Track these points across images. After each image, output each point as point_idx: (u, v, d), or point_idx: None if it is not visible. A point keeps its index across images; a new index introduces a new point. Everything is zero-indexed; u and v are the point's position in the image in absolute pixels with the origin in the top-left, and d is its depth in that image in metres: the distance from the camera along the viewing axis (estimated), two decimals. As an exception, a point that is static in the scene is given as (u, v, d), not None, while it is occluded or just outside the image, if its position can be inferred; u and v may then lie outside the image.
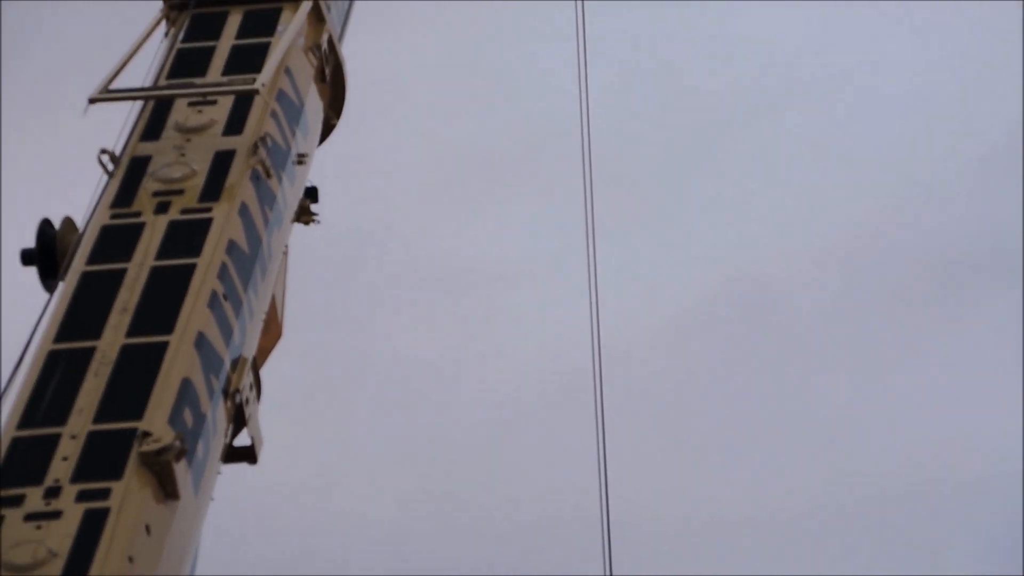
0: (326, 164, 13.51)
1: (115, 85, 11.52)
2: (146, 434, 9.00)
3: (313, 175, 12.70)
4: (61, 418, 9.56)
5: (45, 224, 10.97)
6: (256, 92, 11.33)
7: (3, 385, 9.83)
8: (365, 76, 15.93)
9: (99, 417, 9.57)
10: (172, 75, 11.89)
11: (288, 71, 12.24)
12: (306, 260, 12.93)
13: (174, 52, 12.27)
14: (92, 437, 9.41)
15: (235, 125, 11.44)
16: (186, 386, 9.76)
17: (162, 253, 10.53)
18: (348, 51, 13.79)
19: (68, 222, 11.03)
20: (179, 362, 9.87)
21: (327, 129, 13.35)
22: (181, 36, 12.41)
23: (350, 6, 14.50)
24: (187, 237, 10.70)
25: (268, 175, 11.34)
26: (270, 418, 11.70)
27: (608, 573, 12.89)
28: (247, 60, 12.05)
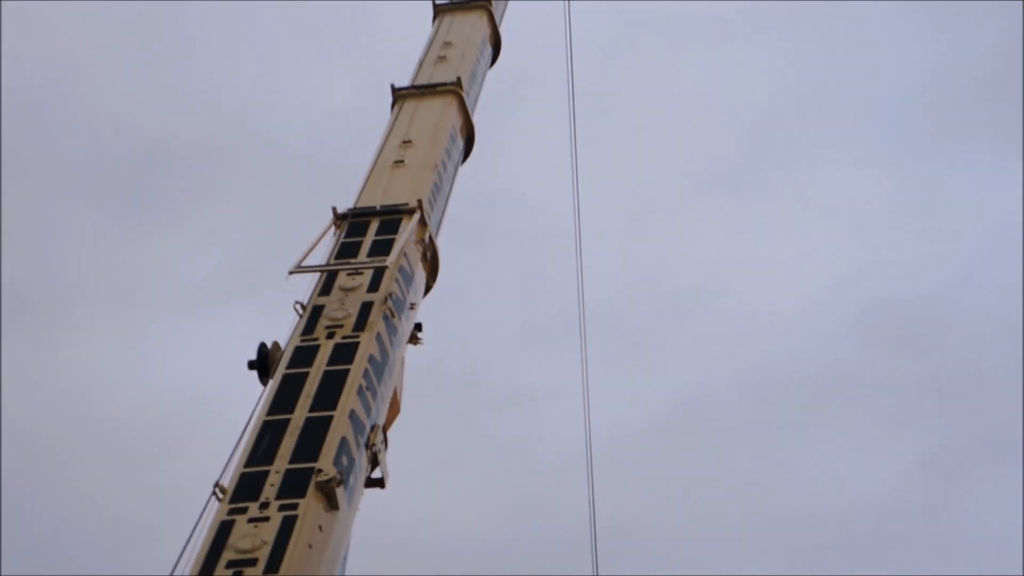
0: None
1: (306, 262, 14.39)
2: (319, 471, 11.16)
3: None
4: (270, 460, 11.60)
5: (262, 346, 13.23)
6: (386, 267, 13.94)
7: (238, 442, 12.00)
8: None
9: (292, 460, 11.57)
10: (338, 256, 14.55)
11: (405, 255, 14.59)
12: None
13: (339, 244, 14.90)
14: (288, 472, 11.35)
15: (374, 286, 13.78)
16: (343, 442, 11.79)
17: (330, 362, 12.77)
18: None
19: (275, 345, 13.27)
20: (339, 428, 11.87)
21: (427, 289, 15.95)
22: (343, 235, 15.02)
23: (443, 215, 16.87)
24: (345, 353, 12.87)
25: (393, 316, 13.73)
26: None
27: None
28: (381, 248, 14.53)
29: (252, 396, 12.76)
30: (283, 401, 12.30)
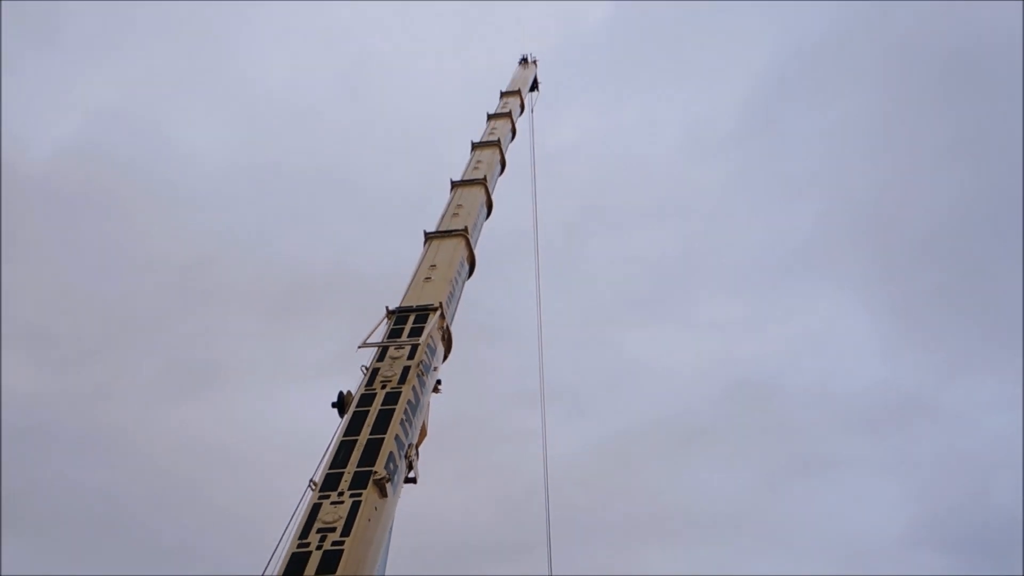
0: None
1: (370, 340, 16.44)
2: (375, 472, 13.56)
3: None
4: (344, 464, 13.87)
5: (340, 394, 15.37)
6: (419, 344, 16.18)
7: (324, 454, 14.09)
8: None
9: (359, 465, 13.83)
10: (389, 337, 16.62)
11: (431, 336, 16.72)
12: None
13: (389, 330, 16.93)
14: (356, 473, 13.65)
15: (411, 355, 16.03)
16: (391, 454, 14.12)
17: (383, 404, 15.01)
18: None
19: (349, 393, 15.42)
20: (388, 445, 14.18)
21: (445, 357, 17.78)
22: (392, 324, 16.98)
23: (455, 311, 18.58)
24: (392, 399, 15.11)
25: (423, 374, 15.93)
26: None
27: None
28: (416, 332, 16.61)
29: (334, 426, 14.84)
30: (353, 428, 14.62)
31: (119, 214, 65.58)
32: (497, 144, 24.20)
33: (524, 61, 33.76)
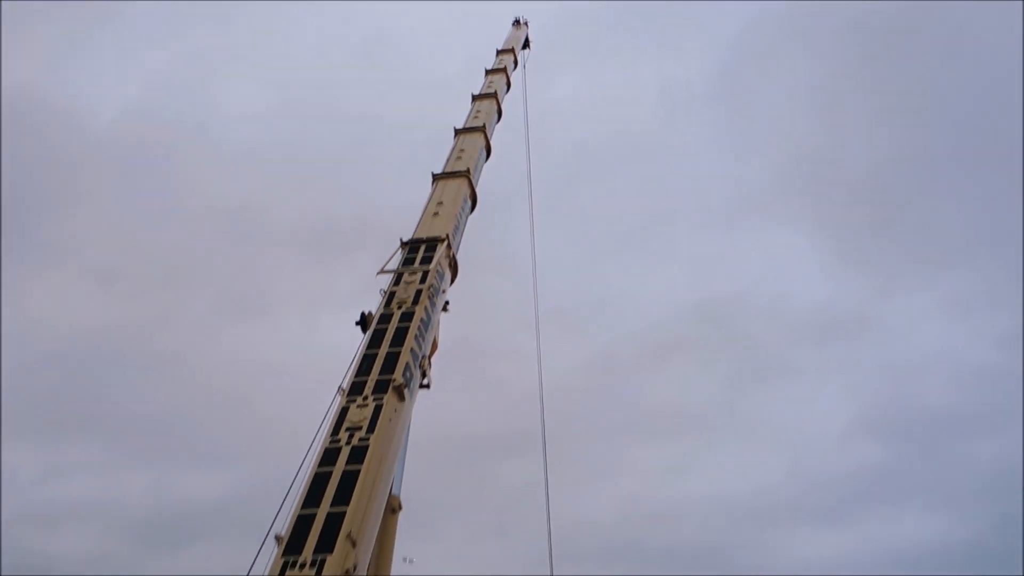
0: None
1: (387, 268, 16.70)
2: (395, 379, 13.82)
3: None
4: (368, 373, 14.08)
5: (362, 314, 15.65)
6: (429, 270, 16.31)
7: (350, 366, 14.24)
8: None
9: (380, 374, 14.04)
10: (403, 264, 16.72)
11: (440, 263, 16.86)
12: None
13: (404, 258, 16.97)
14: (378, 381, 13.87)
15: (423, 280, 16.14)
16: (407, 365, 14.35)
17: (400, 321, 15.19)
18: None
19: (370, 313, 15.63)
20: (405, 356, 14.41)
21: (452, 281, 17.79)
22: (406, 253, 17.08)
23: (460, 242, 18.65)
24: (407, 317, 15.29)
25: (433, 297, 16.11)
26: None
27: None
28: (427, 260, 16.74)
29: (359, 342, 15.10)
30: (374, 342, 14.84)
31: (174, 167, 68.70)
32: (494, 96, 24.02)
33: (517, 23, 33.60)
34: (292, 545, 11.10)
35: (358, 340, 15.08)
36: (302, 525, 11.34)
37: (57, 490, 53.54)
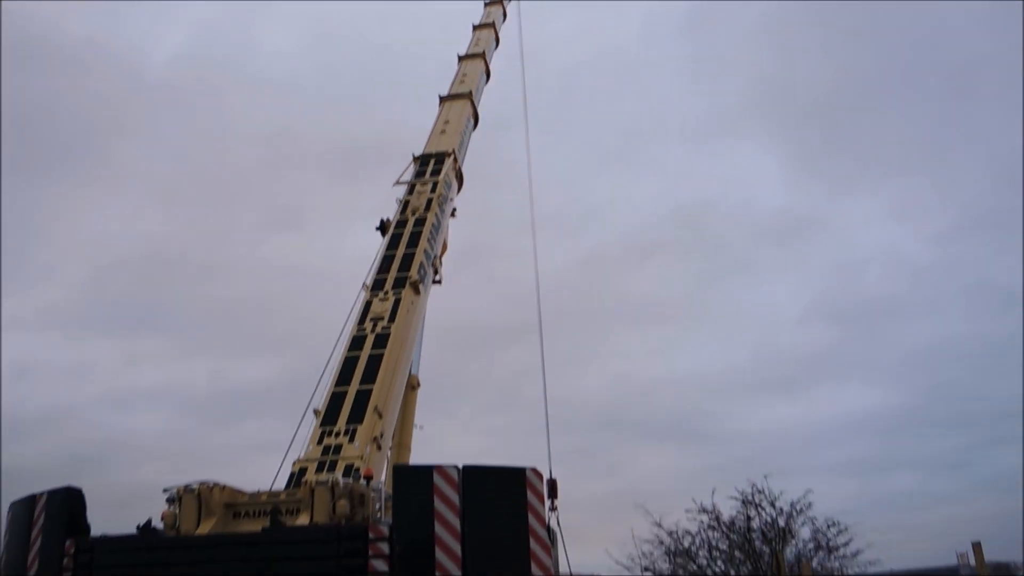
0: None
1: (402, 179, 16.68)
2: (411, 276, 14.04)
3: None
4: (388, 271, 14.29)
5: (381, 220, 15.77)
6: (438, 181, 16.31)
7: (373, 263, 14.38)
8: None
9: (398, 271, 14.22)
10: (415, 176, 16.65)
11: (448, 174, 16.81)
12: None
13: (416, 170, 16.91)
14: (396, 277, 14.10)
15: (433, 190, 16.13)
16: (421, 263, 14.53)
17: (414, 226, 15.27)
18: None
19: (388, 220, 15.66)
20: (419, 256, 14.57)
21: (459, 190, 17.78)
22: (417, 166, 16.96)
23: (465, 155, 18.50)
24: (420, 223, 15.33)
25: (442, 204, 16.17)
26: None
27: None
28: (436, 172, 16.66)
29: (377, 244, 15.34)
30: (392, 245, 14.97)
31: (219, 101, 70.77)
32: (492, 25, 23.52)
33: None
34: (328, 417, 11.52)
35: (378, 243, 15.18)
36: (336, 401, 11.74)
37: (131, 377, 55.79)
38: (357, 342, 12.80)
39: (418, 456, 15.40)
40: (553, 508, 10.84)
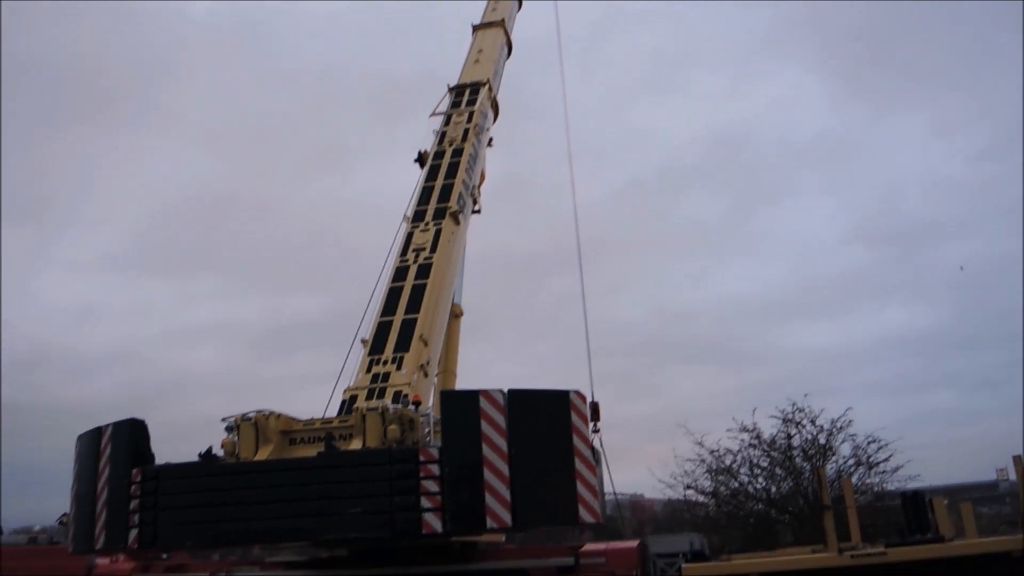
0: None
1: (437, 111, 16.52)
2: (450, 206, 13.95)
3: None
4: (428, 202, 14.22)
5: (419, 152, 15.67)
6: (473, 111, 16.23)
7: (412, 193, 14.39)
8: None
9: (438, 202, 14.22)
10: (451, 107, 16.57)
11: (483, 104, 16.70)
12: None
13: (452, 101, 16.70)
14: (437, 208, 14.06)
15: (469, 120, 16.08)
16: (460, 193, 14.45)
17: (451, 157, 15.22)
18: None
19: (425, 152, 15.57)
20: (458, 186, 14.52)
21: (495, 120, 17.59)
22: (453, 97, 16.85)
23: (500, 83, 18.33)
24: (458, 153, 15.30)
25: (479, 134, 16.04)
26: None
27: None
28: (472, 102, 16.51)
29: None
30: (431, 176, 14.94)
31: (265, 42, 71.12)
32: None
33: None
34: (376, 346, 11.72)
35: (418, 176, 15.11)
36: (382, 330, 11.94)
37: (188, 316, 57.45)
38: (400, 273, 12.91)
39: (463, 383, 15.60)
40: (595, 430, 11.04)
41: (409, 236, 13.62)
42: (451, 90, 17.01)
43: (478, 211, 15.94)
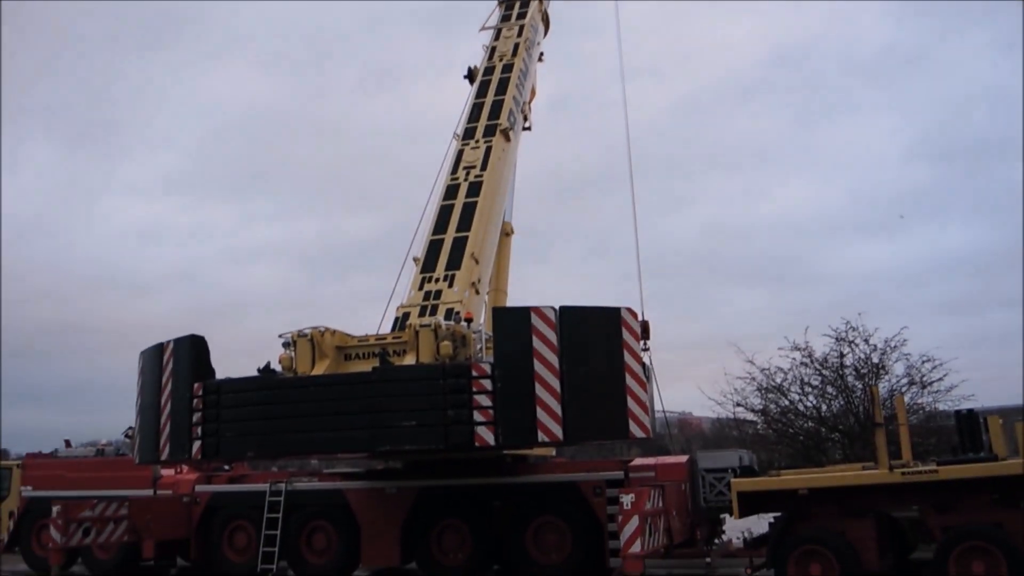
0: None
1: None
2: (500, 123, 13.69)
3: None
4: (477, 119, 13.95)
5: (469, 68, 15.28)
6: (524, 24, 15.81)
7: (463, 109, 14.21)
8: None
9: (488, 119, 13.91)
10: (501, 21, 16.08)
11: (534, 17, 16.21)
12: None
13: (502, 14, 16.24)
14: (487, 126, 13.76)
15: (519, 34, 15.66)
16: (511, 110, 14.14)
17: (502, 72, 14.87)
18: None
19: (475, 68, 15.23)
20: (508, 102, 14.20)
21: (545, 34, 17.01)
22: (504, 10, 16.35)
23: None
24: (508, 69, 14.96)
25: (529, 49, 15.64)
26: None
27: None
28: (522, 16, 16.02)
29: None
30: (481, 92, 14.63)
31: None
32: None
33: None
34: (428, 264, 11.73)
35: (468, 93, 14.81)
36: (434, 248, 11.92)
37: (246, 236, 58.42)
38: (451, 191, 12.82)
39: (514, 303, 15.31)
40: (645, 348, 11.03)
41: (460, 154, 13.46)
42: (501, 3, 16.56)
43: (529, 128, 15.64)
